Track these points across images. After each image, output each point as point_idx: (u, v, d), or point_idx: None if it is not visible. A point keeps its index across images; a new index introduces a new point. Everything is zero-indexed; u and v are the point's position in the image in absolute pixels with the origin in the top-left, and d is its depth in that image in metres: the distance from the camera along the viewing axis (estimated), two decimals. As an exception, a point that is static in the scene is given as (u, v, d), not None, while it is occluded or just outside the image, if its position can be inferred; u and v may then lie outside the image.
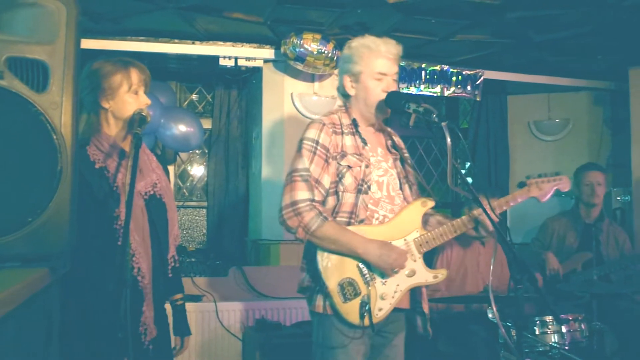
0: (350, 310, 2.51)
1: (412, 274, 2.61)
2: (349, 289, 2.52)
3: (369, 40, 2.69)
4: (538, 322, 3.42)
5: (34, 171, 1.78)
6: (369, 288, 2.54)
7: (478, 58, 5.49)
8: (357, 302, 2.51)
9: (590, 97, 6.35)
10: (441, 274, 2.67)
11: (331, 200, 2.62)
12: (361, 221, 2.58)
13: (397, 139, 2.90)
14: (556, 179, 2.81)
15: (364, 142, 2.68)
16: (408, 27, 4.66)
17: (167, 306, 2.67)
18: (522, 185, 2.82)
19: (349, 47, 2.73)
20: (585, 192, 4.74)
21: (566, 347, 3.37)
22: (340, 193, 2.60)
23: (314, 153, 2.59)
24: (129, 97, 2.46)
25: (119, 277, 2.07)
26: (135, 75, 2.47)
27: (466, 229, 2.69)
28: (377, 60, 2.66)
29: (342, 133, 2.66)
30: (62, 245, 1.81)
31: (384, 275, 2.57)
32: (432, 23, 4.57)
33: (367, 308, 2.50)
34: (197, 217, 6.03)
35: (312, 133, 2.63)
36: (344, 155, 2.61)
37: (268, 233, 5.15)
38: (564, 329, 3.43)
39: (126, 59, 2.52)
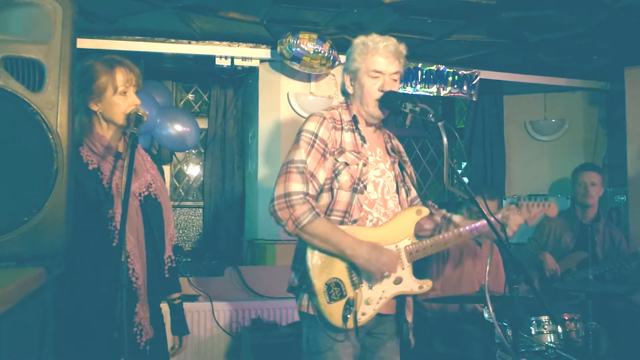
0: (334, 311, 2.47)
1: (398, 281, 2.57)
2: (335, 289, 2.48)
3: (369, 38, 2.64)
4: (534, 322, 3.43)
5: (30, 171, 1.78)
6: (356, 291, 2.50)
7: (474, 58, 5.50)
8: (341, 304, 2.48)
9: (586, 97, 6.36)
10: (426, 284, 2.63)
11: (325, 197, 2.57)
12: (354, 221, 2.54)
13: (395, 142, 2.86)
14: (545, 204, 2.78)
15: (363, 139, 2.64)
16: (404, 27, 4.66)
17: (164, 306, 2.66)
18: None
19: (351, 45, 2.70)
20: (579, 192, 4.75)
21: (562, 347, 3.37)
22: (335, 190, 2.55)
23: (312, 146, 2.54)
24: (117, 99, 2.41)
25: (115, 278, 2.06)
26: (120, 76, 2.41)
27: (457, 242, 2.65)
28: (373, 58, 2.61)
29: (342, 129, 2.62)
30: (58, 245, 1.81)
31: (371, 279, 2.52)
32: (428, 23, 4.57)
33: (351, 311, 2.47)
34: (193, 217, 6.03)
35: (311, 126, 2.58)
36: (342, 151, 2.57)
37: (264, 233, 5.15)
38: (559, 329, 3.43)
39: (113, 59, 2.46)
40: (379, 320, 2.60)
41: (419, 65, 5.45)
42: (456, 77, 5.56)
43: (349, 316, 2.46)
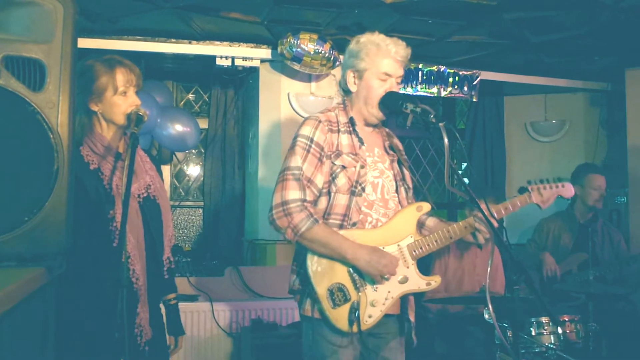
0: (339, 316, 2.47)
1: (404, 280, 2.56)
2: (338, 294, 2.47)
3: (379, 38, 2.61)
4: (534, 323, 3.42)
5: (31, 170, 1.77)
6: (359, 294, 2.50)
7: (475, 59, 5.49)
8: (346, 308, 2.47)
9: (586, 98, 6.36)
10: (434, 280, 2.60)
11: (323, 201, 2.56)
12: (354, 224, 2.53)
13: (395, 140, 2.84)
14: (559, 186, 2.71)
15: (361, 141, 2.62)
16: (405, 28, 4.66)
17: (162, 306, 2.67)
18: (523, 190, 2.71)
19: (357, 42, 2.65)
20: (592, 196, 4.65)
21: (562, 349, 3.37)
22: (332, 194, 2.54)
23: (308, 151, 2.53)
24: (117, 99, 2.41)
25: (115, 278, 2.06)
26: (120, 76, 2.41)
27: (462, 235, 2.62)
28: (384, 60, 2.59)
29: (339, 131, 2.60)
30: (59, 244, 1.81)
31: (374, 281, 2.52)
32: (429, 23, 4.57)
33: (356, 314, 2.46)
34: (193, 217, 6.02)
35: (306, 130, 2.57)
36: (338, 154, 2.56)
37: (264, 233, 5.14)
38: (560, 330, 3.43)
39: (114, 59, 2.45)
40: (382, 320, 2.58)
41: (420, 65, 5.45)
42: (457, 77, 5.56)
43: (354, 320, 2.45)
